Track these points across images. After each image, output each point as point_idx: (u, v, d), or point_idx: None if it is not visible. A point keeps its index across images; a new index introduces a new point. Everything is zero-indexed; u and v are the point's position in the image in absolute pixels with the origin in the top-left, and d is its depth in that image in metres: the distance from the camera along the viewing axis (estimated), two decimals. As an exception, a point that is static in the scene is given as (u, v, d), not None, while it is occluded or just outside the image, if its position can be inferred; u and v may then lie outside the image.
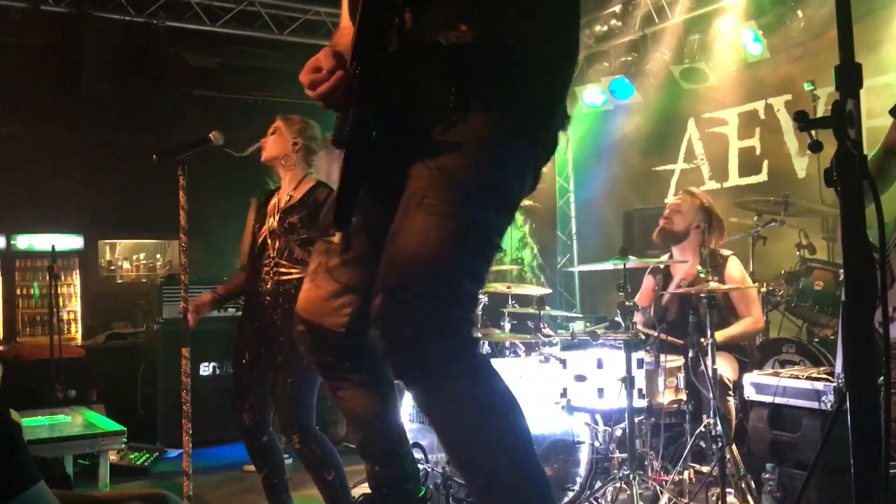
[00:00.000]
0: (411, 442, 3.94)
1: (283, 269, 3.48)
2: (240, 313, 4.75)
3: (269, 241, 3.56)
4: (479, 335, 4.43)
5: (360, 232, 2.03)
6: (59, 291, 6.76)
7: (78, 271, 7.77)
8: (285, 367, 3.38)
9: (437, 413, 1.81)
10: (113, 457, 4.64)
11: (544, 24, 1.86)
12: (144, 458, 5.29)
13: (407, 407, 4.26)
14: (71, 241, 7.67)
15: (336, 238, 1.97)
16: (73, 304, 7.70)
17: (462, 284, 1.77)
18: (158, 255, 9.06)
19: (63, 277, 7.44)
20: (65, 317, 7.30)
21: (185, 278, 3.32)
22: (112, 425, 3.98)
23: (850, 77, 1.40)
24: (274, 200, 3.67)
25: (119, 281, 8.62)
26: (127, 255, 8.98)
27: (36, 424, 4.02)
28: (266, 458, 3.59)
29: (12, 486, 1.10)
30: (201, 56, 6.91)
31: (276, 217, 3.57)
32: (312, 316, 2.11)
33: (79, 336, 7.62)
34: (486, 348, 4.60)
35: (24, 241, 7.48)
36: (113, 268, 8.73)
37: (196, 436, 3.52)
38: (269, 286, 3.52)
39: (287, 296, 3.44)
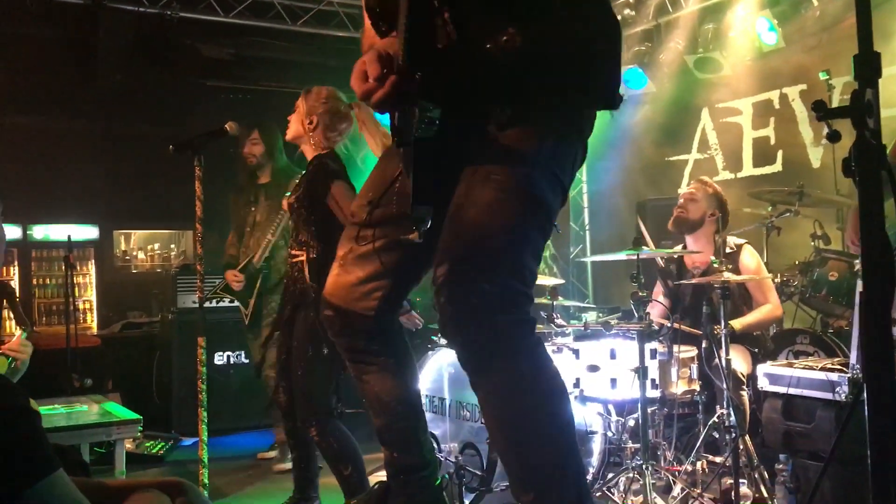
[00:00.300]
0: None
1: (293, 252, 3.48)
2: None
3: (290, 225, 3.59)
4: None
5: (391, 219, 2.06)
6: (74, 281, 6.81)
7: (93, 261, 7.83)
8: (296, 358, 3.38)
9: (491, 384, 1.82)
10: (128, 445, 4.68)
11: (586, 16, 1.89)
12: (160, 446, 5.33)
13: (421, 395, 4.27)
14: (86, 232, 7.72)
15: (414, 236, 1.98)
16: (88, 294, 7.77)
17: (525, 259, 1.83)
18: (173, 245, 9.12)
19: (79, 267, 7.49)
20: (81, 306, 7.35)
21: (200, 268, 3.34)
22: (128, 414, 4.01)
23: (868, 66, 1.39)
24: None
25: (134, 271, 8.69)
26: (142, 246, 9.04)
27: (53, 413, 4.05)
28: (296, 443, 3.60)
29: (33, 474, 1.11)
30: (214, 47, 6.93)
31: None
32: (341, 301, 2.14)
33: (94, 325, 7.68)
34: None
35: (40, 232, 7.54)
36: (128, 258, 8.79)
37: (211, 424, 3.54)
38: (287, 269, 3.54)
39: (291, 279, 3.45)
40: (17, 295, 6.59)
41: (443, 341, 4.13)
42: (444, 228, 1.84)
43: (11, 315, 6.59)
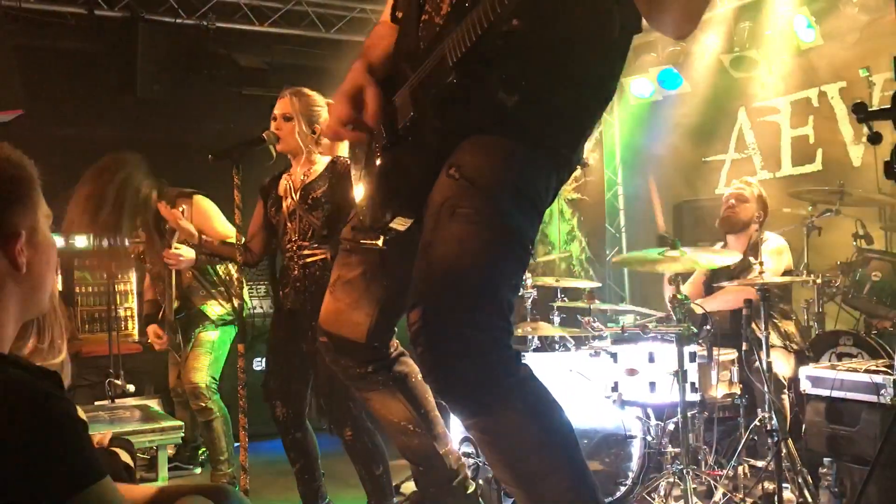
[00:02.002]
0: (461, 436, 3.98)
1: (306, 252, 3.41)
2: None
3: (288, 225, 3.48)
4: (529, 329, 4.42)
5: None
6: (116, 289, 6.92)
7: (134, 270, 7.93)
8: (320, 365, 3.29)
9: (485, 429, 1.77)
10: (170, 450, 4.74)
11: (576, 58, 1.82)
12: (201, 452, 5.38)
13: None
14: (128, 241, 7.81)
15: (377, 242, 2.00)
16: (129, 302, 7.86)
17: (502, 293, 1.73)
18: (211, 253, 9.19)
19: (119, 275, 7.59)
20: (122, 314, 7.45)
21: (240, 275, 3.36)
22: (170, 419, 4.06)
23: (908, 66, 1.37)
24: (284, 182, 3.56)
25: (173, 279, 8.77)
26: (181, 254, 9.12)
27: (96, 419, 4.12)
28: (299, 453, 3.55)
29: (80, 482, 1.14)
30: (250, 56, 7.01)
31: (297, 195, 3.47)
32: (332, 327, 2.15)
33: (135, 332, 7.78)
34: (535, 342, 4.59)
35: (82, 241, 7.65)
36: (167, 266, 8.88)
37: (250, 429, 3.56)
38: (295, 272, 3.43)
39: (312, 278, 3.37)
40: (72, 305, 6.74)
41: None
42: (415, 268, 1.75)
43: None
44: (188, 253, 4.12)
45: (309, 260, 3.41)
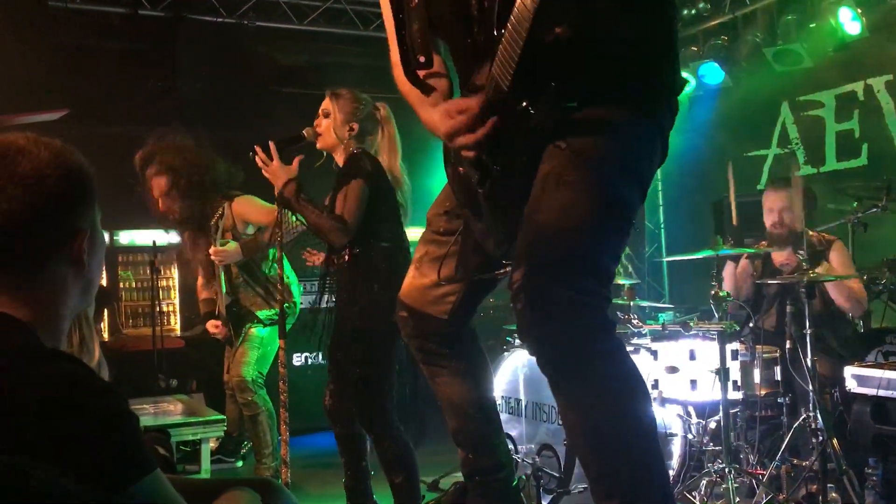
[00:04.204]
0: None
1: (332, 256, 3.41)
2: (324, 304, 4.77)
3: None
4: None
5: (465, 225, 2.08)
6: (159, 285, 7.03)
7: (176, 265, 8.05)
8: (351, 363, 3.29)
9: (574, 392, 1.78)
10: (213, 443, 4.81)
11: (635, 6, 1.85)
12: (244, 445, 5.45)
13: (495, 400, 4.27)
14: (170, 236, 7.93)
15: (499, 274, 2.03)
16: (172, 297, 7.98)
17: (604, 260, 1.78)
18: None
19: (162, 271, 7.70)
20: (165, 309, 7.56)
21: (281, 272, 3.39)
22: (212, 413, 4.12)
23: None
24: None
25: (215, 274, 8.87)
26: (222, 249, 9.22)
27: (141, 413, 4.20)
28: (343, 448, 3.53)
29: (132, 474, 1.17)
30: (290, 54, 7.08)
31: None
32: (415, 303, 2.17)
33: (178, 327, 7.90)
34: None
35: (126, 237, 7.78)
36: (209, 261, 8.99)
37: (291, 424, 3.59)
38: (328, 275, 3.47)
39: (338, 286, 3.38)
40: (117, 300, 6.85)
41: (518, 342, 4.13)
42: (520, 234, 1.80)
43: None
44: (233, 248, 4.31)
45: (333, 267, 3.41)
